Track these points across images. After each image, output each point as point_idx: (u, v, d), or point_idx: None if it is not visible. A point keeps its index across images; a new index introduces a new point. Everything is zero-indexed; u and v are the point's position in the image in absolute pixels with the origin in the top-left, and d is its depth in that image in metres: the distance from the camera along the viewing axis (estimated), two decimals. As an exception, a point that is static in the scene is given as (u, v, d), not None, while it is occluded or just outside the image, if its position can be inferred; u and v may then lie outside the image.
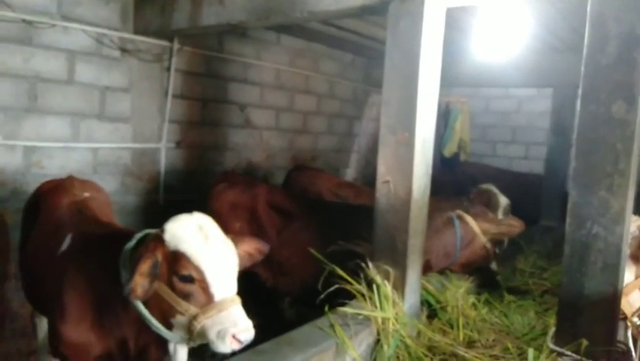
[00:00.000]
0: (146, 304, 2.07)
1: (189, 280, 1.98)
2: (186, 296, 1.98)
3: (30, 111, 4.29)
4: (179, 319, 2.01)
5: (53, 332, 2.34)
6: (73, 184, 3.26)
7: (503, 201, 4.59)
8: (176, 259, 1.98)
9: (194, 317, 1.96)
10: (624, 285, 2.55)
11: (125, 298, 2.05)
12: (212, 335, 1.94)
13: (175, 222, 2.05)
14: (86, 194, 3.14)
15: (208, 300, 1.97)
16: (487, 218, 3.93)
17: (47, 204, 3.06)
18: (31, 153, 4.33)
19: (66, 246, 2.54)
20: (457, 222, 3.81)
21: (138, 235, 2.24)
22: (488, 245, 3.86)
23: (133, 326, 2.19)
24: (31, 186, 3.69)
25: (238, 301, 2.02)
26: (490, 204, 4.44)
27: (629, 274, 2.60)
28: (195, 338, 2.01)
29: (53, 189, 3.21)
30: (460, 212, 3.86)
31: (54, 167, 4.43)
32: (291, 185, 5.80)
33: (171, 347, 2.17)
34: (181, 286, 1.99)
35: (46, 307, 2.59)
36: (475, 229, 3.78)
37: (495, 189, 4.69)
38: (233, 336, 1.92)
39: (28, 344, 3.80)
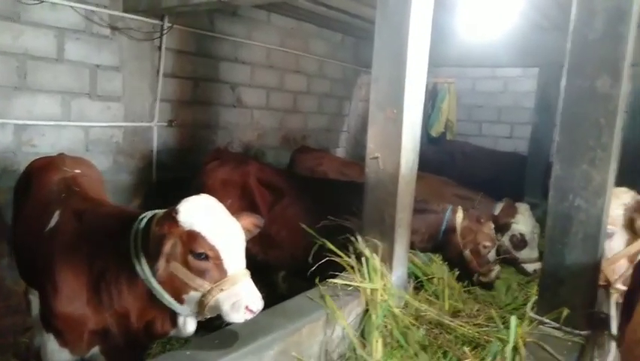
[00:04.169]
0: (159, 281, 2.14)
1: (204, 257, 2.09)
2: (201, 273, 2.10)
3: (20, 89, 4.27)
4: (193, 294, 2.12)
5: (45, 307, 2.39)
6: (64, 161, 3.28)
7: (526, 225, 4.45)
8: (191, 238, 2.08)
9: (208, 292, 2.07)
10: (614, 254, 2.63)
11: (134, 275, 2.17)
12: (226, 307, 2.07)
13: (187, 203, 2.14)
14: (77, 171, 3.16)
15: (222, 275, 2.10)
16: (477, 224, 3.82)
17: (37, 181, 3.08)
18: (21, 131, 4.33)
19: (54, 222, 2.57)
20: (449, 213, 3.86)
21: (148, 215, 2.30)
22: (467, 253, 3.77)
23: (138, 301, 2.25)
24: (23, 164, 3.70)
25: (248, 274, 2.16)
26: (512, 219, 4.36)
27: (620, 243, 2.68)
28: (207, 312, 2.12)
29: (44, 166, 3.23)
30: (457, 207, 3.87)
31: (45, 145, 4.43)
32: (297, 166, 5.89)
33: (181, 320, 2.25)
34: (196, 263, 2.10)
35: (37, 283, 2.62)
36: (457, 226, 3.78)
37: (526, 210, 4.55)
38: (247, 307, 2.06)
39: (23, 321, 3.85)
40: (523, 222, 4.45)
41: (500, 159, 7.38)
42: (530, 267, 4.36)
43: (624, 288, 2.62)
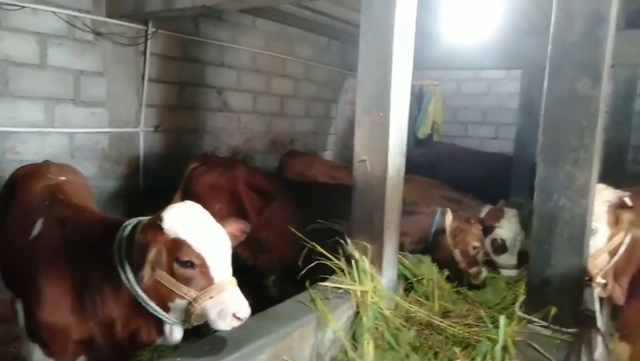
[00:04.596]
0: (144, 289, 2.13)
1: (190, 265, 2.08)
2: (187, 281, 2.08)
3: (2, 96, 4.22)
4: (178, 302, 2.10)
5: (30, 316, 2.37)
6: (49, 168, 3.24)
7: (509, 232, 4.47)
8: (176, 246, 2.07)
9: (194, 300, 2.06)
10: (597, 249, 2.69)
11: (119, 283, 2.15)
12: (213, 315, 2.06)
13: (172, 211, 2.13)
14: (62, 178, 3.12)
15: (208, 283, 2.08)
16: (466, 224, 3.87)
17: (21, 188, 3.03)
18: (4, 138, 4.27)
19: (37, 231, 2.54)
20: (438, 215, 3.90)
21: (132, 222, 2.28)
22: (457, 253, 3.82)
23: (124, 310, 2.24)
24: (7, 172, 3.65)
25: (235, 281, 2.14)
26: (496, 223, 4.37)
27: (603, 239, 2.74)
28: (193, 320, 2.11)
29: (28, 174, 3.18)
30: (446, 209, 3.91)
31: (29, 152, 4.38)
32: (287, 170, 5.86)
33: (167, 328, 2.23)
34: (182, 271, 2.08)
35: (21, 292, 2.57)
36: (447, 227, 3.83)
37: (513, 216, 4.56)
38: (234, 315, 2.05)
39: (10, 330, 3.79)
40: (507, 228, 4.48)
41: (487, 160, 7.45)
42: (506, 272, 4.39)
43: (604, 281, 2.68)
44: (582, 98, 2.51)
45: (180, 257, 2.07)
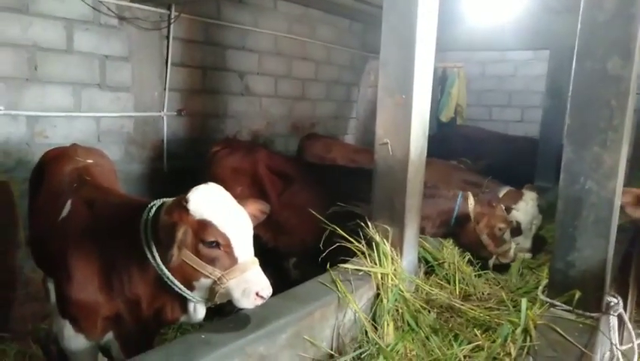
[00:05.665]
0: (170, 268, 2.18)
1: (215, 245, 2.13)
2: (211, 260, 2.13)
3: (31, 81, 4.31)
4: (203, 281, 2.16)
5: (61, 294, 2.45)
6: (77, 151, 3.32)
7: (525, 215, 4.37)
8: (202, 227, 2.12)
9: (219, 279, 2.11)
10: None
11: (145, 262, 2.21)
12: (237, 293, 2.12)
13: (197, 192, 2.17)
14: (89, 161, 3.21)
15: (232, 263, 2.14)
16: (488, 207, 3.84)
17: (50, 171, 3.12)
18: (34, 122, 4.37)
19: (67, 212, 2.62)
20: (460, 199, 3.87)
21: (157, 204, 2.33)
22: (484, 237, 3.79)
23: (149, 288, 2.30)
24: (36, 155, 3.75)
25: (257, 261, 2.20)
26: (513, 205, 4.31)
27: None
28: (217, 298, 2.17)
29: (57, 157, 3.27)
30: (468, 193, 3.87)
31: (58, 136, 4.48)
32: (306, 153, 5.88)
33: (191, 306, 2.30)
34: (207, 251, 2.14)
35: (52, 271, 2.69)
36: (470, 212, 3.79)
37: (532, 199, 4.45)
38: (257, 293, 2.11)
39: (41, 308, 3.94)
40: (523, 211, 4.39)
41: (513, 144, 7.32)
42: (518, 256, 4.27)
43: None
44: (612, 77, 2.43)
45: (206, 238, 2.12)
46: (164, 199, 2.35)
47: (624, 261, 3.03)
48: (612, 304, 2.52)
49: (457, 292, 3.27)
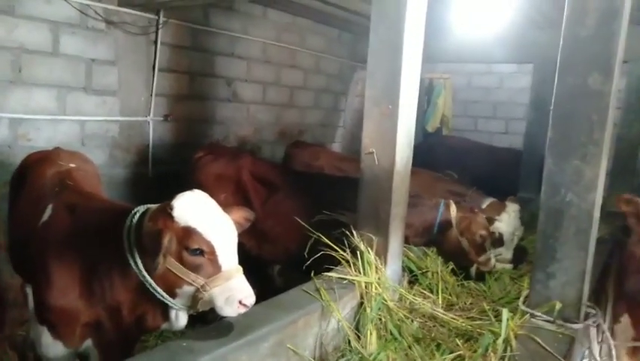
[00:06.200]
0: (154, 276, 2.17)
1: (199, 253, 2.12)
2: (195, 268, 2.12)
3: (15, 83, 4.27)
4: (186, 289, 2.14)
5: (39, 300, 2.41)
6: (60, 155, 3.27)
7: (508, 226, 4.42)
8: (186, 234, 2.11)
9: (202, 286, 2.10)
10: None
11: (127, 268, 2.18)
12: (220, 301, 2.11)
13: (182, 199, 2.16)
14: (72, 165, 3.15)
15: (216, 270, 2.13)
16: (471, 214, 3.89)
17: (32, 174, 3.07)
18: (17, 125, 4.32)
19: (47, 216, 2.57)
20: (442, 207, 3.91)
21: (140, 210, 2.30)
22: (465, 243, 3.83)
23: (131, 295, 2.28)
24: (19, 158, 3.69)
25: (241, 270, 2.19)
26: (496, 216, 4.35)
27: None
28: (200, 306, 2.15)
29: (39, 160, 3.22)
30: (450, 201, 3.91)
31: (41, 139, 4.43)
32: (293, 161, 5.83)
33: (173, 313, 2.28)
34: (191, 259, 2.12)
35: (31, 276, 2.63)
36: (452, 218, 3.83)
37: (514, 211, 4.50)
38: (240, 301, 2.10)
39: (19, 314, 3.86)
40: (506, 222, 4.44)
41: (497, 155, 7.40)
42: (499, 266, 4.33)
43: None
44: (593, 92, 2.48)
45: (190, 245, 2.11)
46: (148, 205, 2.33)
47: (603, 273, 3.08)
48: (591, 315, 2.56)
49: (440, 302, 3.29)
